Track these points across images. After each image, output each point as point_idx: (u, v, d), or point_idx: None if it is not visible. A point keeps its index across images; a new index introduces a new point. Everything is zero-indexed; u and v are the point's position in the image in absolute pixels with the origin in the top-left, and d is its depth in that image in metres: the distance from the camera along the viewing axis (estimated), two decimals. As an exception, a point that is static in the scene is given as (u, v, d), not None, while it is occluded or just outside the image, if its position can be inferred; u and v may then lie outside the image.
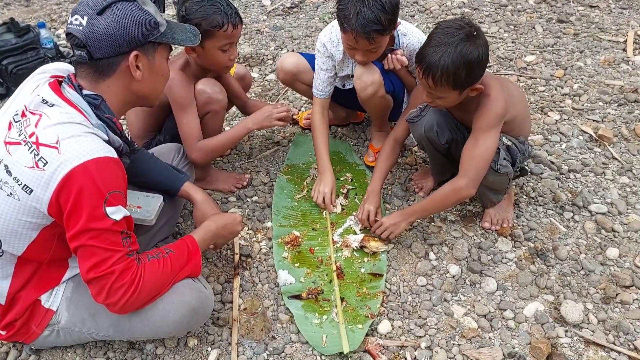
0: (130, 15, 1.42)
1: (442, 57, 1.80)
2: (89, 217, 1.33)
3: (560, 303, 1.92)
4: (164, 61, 1.59)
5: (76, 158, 1.32)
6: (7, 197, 1.38)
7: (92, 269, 1.37)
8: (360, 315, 1.90)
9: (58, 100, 1.41)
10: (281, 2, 4.59)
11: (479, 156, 1.93)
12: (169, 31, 1.54)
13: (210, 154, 2.25)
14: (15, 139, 1.38)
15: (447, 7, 4.30)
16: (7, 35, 3.32)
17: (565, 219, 2.30)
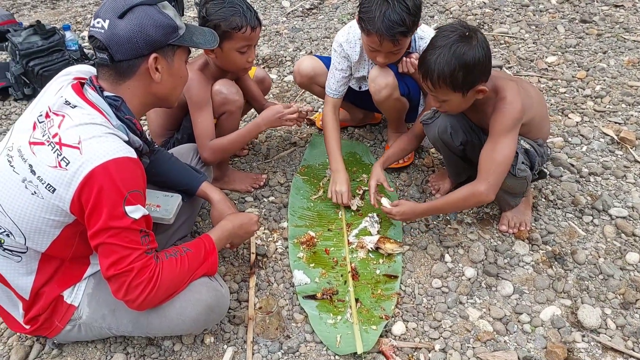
0: (150, 19, 1.46)
1: (437, 60, 1.82)
2: (109, 216, 1.36)
3: (578, 307, 1.90)
4: (183, 64, 1.62)
5: (97, 158, 1.35)
6: (31, 196, 1.42)
7: (112, 266, 1.40)
8: (375, 317, 1.90)
9: (80, 102, 1.45)
10: (300, 4, 4.61)
11: (498, 161, 1.91)
12: (187, 34, 1.57)
13: (221, 152, 2.26)
14: (39, 139, 1.42)
15: (467, 7, 4.28)
16: (34, 37, 3.39)
17: (584, 223, 2.27)
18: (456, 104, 1.95)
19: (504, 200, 2.20)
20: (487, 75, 1.90)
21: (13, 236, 1.48)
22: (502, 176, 1.93)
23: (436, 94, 1.93)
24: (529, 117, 1.97)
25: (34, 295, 1.58)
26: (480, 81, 1.88)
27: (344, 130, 2.93)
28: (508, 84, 1.95)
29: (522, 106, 1.91)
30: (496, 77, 1.97)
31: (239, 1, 2.12)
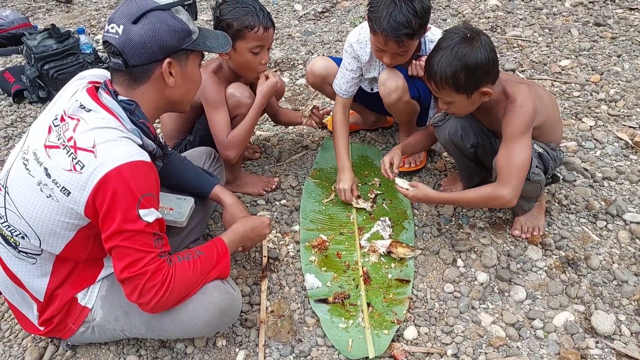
0: (164, 24, 1.47)
1: (440, 61, 1.85)
2: (123, 219, 1.37)
3: (591, 313, 1.89)
4: (196, 68, 1.64)
5: (111, 162, 1.37)
6: (46, 199, 1.43)
7: (126, 269, 1.41)
8: (387, 321, 1.90)
9: (95, 106, 1.47)
10: (313, 7, 4.62)
11: (517, 165, 1.90)
12: (201, 38, 1.58)
13: (239, 142, 2.25)
14: (55, 143, 1.44)
15: (480, 10, 4.27)
16: (49, 40, 3.43)
17: (598, 228, 2.25)
18: (462, 106, 1.96)
19: (518, 204, 2.18)
20: (492, 78, 1.90)
21: (28, 238, 1.50)
22: (523, 180, 1.93)
23: (441, 95, 1.95)
24: (541, 120, 1.97)
25: (48, 297, 1.60)
26: (484, 83, 1.88)
27: (356, 134, 2.94)
28: (519, 86, 1.95)
29: (533, 108, 1.91)
30: (506, 81, 1.97)
31: (253, 2, 2.13)
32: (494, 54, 1.87)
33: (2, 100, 3.49)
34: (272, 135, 2.94)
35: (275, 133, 2.96)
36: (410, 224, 2.31)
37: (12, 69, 3.67)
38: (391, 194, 2.48)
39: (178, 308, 1.56)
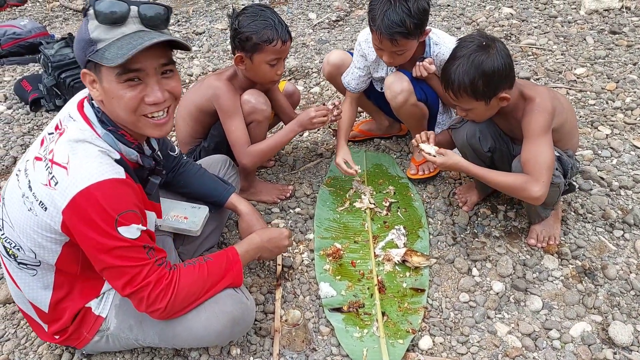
0: (78, 33, 1.39)
1: (457, 70, 1.87)
2: (104, 239, 1.35)
3: (609, 324, 1.87)
4: (113, 83, 1.37)
5: (81, 181, 1.33)
6: (28, 212, 1.42)
7: (127, 285, 1.40)
8: (402, 330, 1.89)
9: (77, 116, 1.46)
10: (327, 16, 4.64)
11: (545, 162, 1.88)
12: (105, 48, 1.34)
13: (260, 157, 2.32)
14: (41, 155, 1.43)
15: (494, 18, 4.26)
16: (66, 49, 3.48)
17: (615, 237, 2.23)
18: (481, 112, 1.98)
19: (534, 211, 2.17)
20: (509, 83, 1.91)
21: (23, 250, 1.50)
22: (550, 177, 1.91)
23: (459, 103, 1.96)
24: (559, 121, 1.96)
25: (52, 309, 1.60)
26: (502, 89, 1.89)
27: (371, 142, 2.94)
28: (536, 88, 1.96)
29: (552, 107, 1.91)
30: (523, 85, 1.98)
31: (271, 14, 2.15)
32: (509, 60, 1.89)
33: (19, 108, 3.54)
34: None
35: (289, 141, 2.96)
36: (425, 232, 2.30)
37: (30, 77, 3.72)
38: (406, 203, 2.47)
39: (191, 317, 1.55)
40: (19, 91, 3.62)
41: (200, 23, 4.78)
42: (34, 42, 4.21)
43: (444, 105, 2.53)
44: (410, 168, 2.63)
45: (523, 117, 1.95)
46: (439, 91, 2.44)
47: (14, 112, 3.50)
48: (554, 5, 4.44)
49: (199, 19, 4.87)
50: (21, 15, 5.33)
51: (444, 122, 2.55)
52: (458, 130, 2.20)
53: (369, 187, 2.58)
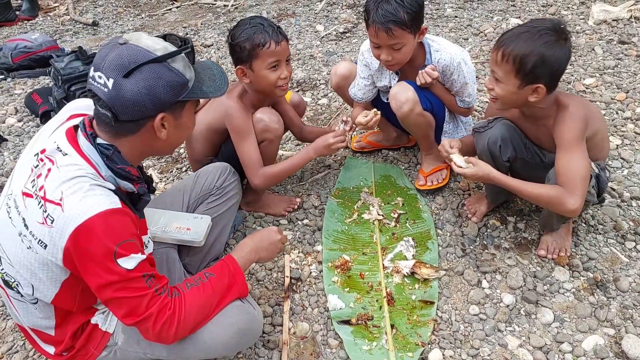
0: (159, 79, 1.36)
1: (521, 36, 1.80)
2: (104, 272, 1.34)
3: (622, 337, 1.84)
4: (191, 115, 1.54)
5: (78, 216, 1.31)
6: (27, 250, 1.41)
7: (127, 316, 1.39)
8: (411, 343, 1.87)
9: (70, 150, 1.41)
10: (334, 28, 4.66)
11: (580, 173, 1.84)
12: (197, 84, 1.47)
13: (273, 180, 2.34)
14: (30, 191, 1.40)
15: (501, 29, 4.26)
16: (76, 62, 3.51)
17: (627, 249, 2.20)
18: (509, 92, 1.89)
19: (550, 221, 2.14)
20: (552, 82, 1.85)
21: (22, 287, 1.49)
22: (586, 188, 1.87)
23: (498, 68, 1.88)
24: (592, 130, 1.92)
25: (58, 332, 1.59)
26: (543, 81, 1.82)
27: (379, 153, 2.93)
28: (571, 96, 1.92)
29: (585, 115, 1.87)
30: (558, 92, 1.93)
31: (261, 20, 2.16)
32: (568, 61, 1.83)
33: (30, 121, 3.57)
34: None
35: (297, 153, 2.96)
36: (434, 244, 2.28)
37: (40, 90, 3.76)
38: (414, 214, 2.46)
39: (198, 330, 1.55)
40: (29, 104, 3.66)
41: (209, 36, 4.81)
42: (44, 56, 4.26)
43: (450, 114, 2.53)
44: (418, 179, 2.62)
45: (555, 126, 1.90)
46: (444, 99, 2.44)
47: (24, 124, 3.53)
48: (562, 15, 4.43)
49: (207, 32, 4.91)
50: (32, 29, 5.40)
51: (451, 131, 2.54)
52: (481, 135, 2.16)
53: (377, 198, 2.57)
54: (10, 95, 3.95)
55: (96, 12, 5.78)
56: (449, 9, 4.81)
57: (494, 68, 1.90)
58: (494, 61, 1.89)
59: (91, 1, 6.09)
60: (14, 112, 3.66)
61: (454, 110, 2.50)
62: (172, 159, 3.05)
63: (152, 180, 1.70)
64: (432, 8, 4.85)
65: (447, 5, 4.90)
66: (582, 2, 4.63)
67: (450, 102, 2.45)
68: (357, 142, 2.96)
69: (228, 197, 2.13)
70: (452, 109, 2.48)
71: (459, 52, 2.33)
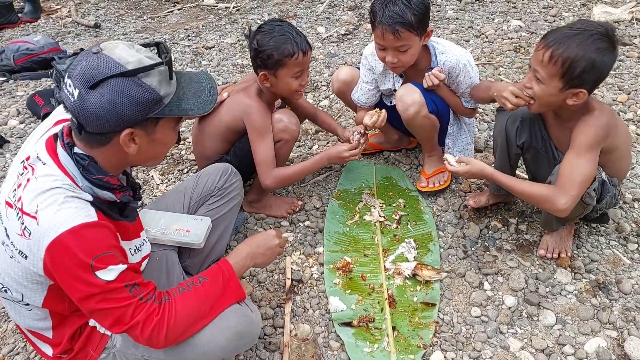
0: (124, 95, 1.30)
1: (573, 38, 1.74)
2: (83, 286, 1.32)
3: (624, 339, 1.84)
4: (169, 130, 1.46)
5: (52, 230, 1.30)
6: (10, 259, 1.41)
7: (114, 326, 1.38)
8: (412, 345, 1.87)
9: (48, 160, 1.40)
10: (335, 30, 4.66)
11: (581, 177, 1.83)
12: (175, 100, 1.40)
13: (284, 181, 2.34)
14: (10, 200, 1.40)
15: (502, 31, 4.26)
16: (77, 64, 3.50)
17: (629, 251, 2.20)
18: (548, 93, 1.85)
19: (549, 220, 2.13)
20: (594, 87, 1.82)
21: (11, 292, 1.49)
22: (582, 194, 1.85)
23: (542, 69, 1.82)
24: (612, 144, 1.89)
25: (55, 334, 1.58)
26: (586, 86, 1.79)
27: (380, 154, 2.93)
28: (601, 104, 1.89)
29: (607, 125, 1.83)
30: (590, 97, 1.88)
31: (288, 28, 2.16)
32: (611, 68, 1.80)
33: (31, 122, 3.57)
34: (296, 157, 2.95)
35: (299, 154, 2.96)
36: (435, 246, 2.28)
37: (42, 92, 3.76)
38: (416, 216, 2.46)
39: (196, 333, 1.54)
40: (31, 106, 3.66)
41: (210, 37, 4.81)
42: (46, 58, 4.26)
43: (455, 116, 2.52)
44: (420, 180, 2.62)
45: (575, 127, 1.87)
46: (449, 101, 2.44)
47: (26, 126, 3.54)
48: (563, 17, 4.43)
49: (208, 34, 4.91)
50: (34, 31, 5.40)
51: (454, 133, 2.54)
52: (502, 113, 2.15)
53: (378, 200, 2.57)
54: (12, 97, 3.95)
55: (98, 14, 5.78)
56: (450, 11, 4.81)
57: (538, 68, 1.84)
58: (539, 61, 1.82)
59: (93, 3, 6.10)
60: (16, 114, 3.66)
61: (459, 112, 2.49)
62: (173, 160, 3.05)
63: (139, 187, 1.66)
64: (433, 10, 4.85)
65: (448, 7, 4.90)
66: (584, 4, 4.63)
67: (456, 104, 2.45)
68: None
69: (229, 198, 2.12)
70: (457, 110, 2.48)
71: (463, 53, 2.33)
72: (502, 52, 3.94)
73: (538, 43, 1.85)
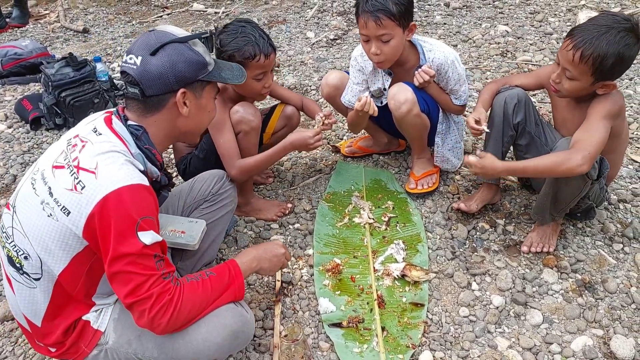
0: (181, 55, 1.53)
1: (602, 37, 1.78)
2: (121, 242, 1.38)
3: (610, 338, 1.86)
4: (211, 99, 1.68)
5: (111, 184, 1.39)
6: (47, 218, 1.45)
7: (130, 294, 1.41)
8: (401, 345, 1.88)
9: (105, 130, 1.53)
10: (325, 35, 4.69)
11: (597, 138, 1.84)
12: (216, 70, 1.63)
13: (249, 171, 2.32)
14: (61, 163, 1.48)
15: (490, 36, 4.31)
16: (66, 69, 3.50)
17: (614, 251, 2.23)
18: (579, 87, 1.91)
19: (543, 206, 2.15)
20: (621, 73, 1.89)
21: (31, 258, 1.50)
22: (598, 153, 1.86)
23: (573, 68, 1.86)
24: (617, 129, 1.95)
25: (45, 324, 1.58)
26: (615, 77, 1.86)
27: (369, 157, 2.95)
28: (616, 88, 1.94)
29: (621, 105, 1.91)
30: None
31: (251, 29, 2.17)
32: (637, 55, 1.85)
33: (20, 127, 3.56)
34: (285, 160, 2.96)
35: (288, 157, 2.98)
36: (424, 247, 2.30)
37: (30, 96, 3.75)
38: (405, 217, 2.48)
39: (191, 330, 1.55)
40: (19, 110, 3.64)
41: (200, 42, 4.82)
42: (35, 62, 4.25)
43: (444, 114, 2.55)
44: (409, 182, 2.64)
45: (593, 102, 1.91)
46: (439, 99, 2.46)
47: (14, 130, 3.52)
48: (549, 22, 4.49)
49: (198, 39, 4.92)
50: (23, 36, 5.39)
51: (444, 131, 2.56)
52: (502, 92, 2.21)
53: (368, 202, 2.59)
54: (0, 101, 3.93)
55: (87, 19, 5.78)
56: (438, 16, 4.86)
57: (568, 67, 1.87)
58: (569, 61, 1.86)
59: (82, 9, 6.09)
60: (3, 119, 3.65)
61: (449, 109, 2.51)
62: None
63: (172, 177, 1.79)
64: (421, 15, 4.90)
65: (436, 13, 4.94)
66: (569, 9, 4.70)
67: (446, 101, 2.47)
68: (348, 147, 2.97)
69: (223, 204, 2.13)
70: (447, 107, 2.50)
71: (450, 49, 2.38)
72: (490, 56, 3.98)
73: (565, 41, 1.88)
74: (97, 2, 6.24)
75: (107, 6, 6.11)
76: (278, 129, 2.58)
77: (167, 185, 1.71)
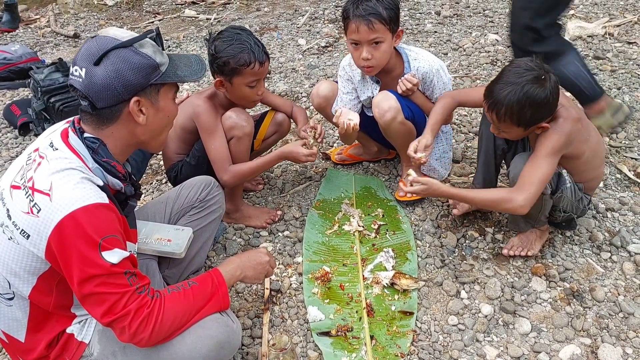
0: (126, 62, 1.42)
1: (508, 96, 1.86)
2: (87, 264, 1.34)
3: (598, 346, 1.87)
4: (170, 100, 1.58)
5: (66, 206, 1.34)
6: (8, 241, 1.41)
7: (106, 314, 1.38)
8: (390, 354, 1.88)
9: (61, 145, 1.46)
10: (316, 42, 4.70)
11: (539, 176, 1.92)
12: (171, 69, 1.53)
13: (240, 177, 2.33)
14: (18, 183, 1.42)
15: (480, 44, 4.33)
16: (55, 74, 3.48)
17: (602, 259, 2.24)
18: (516, 134, 2.01)
19: (516, 219, 2.22)
20: (551, 113, 1.93)
21: None
22: (539, 192, 1.94)
23: (499, 125, 1.97)
24: (576, 151, 1.99)
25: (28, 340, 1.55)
26: (545, 120, 1.92)
27: (359, 165, 2.95)
28: (569, 111, 1.96)
29: (569, 133, 1.93)
30: (561, 103, 1.96)
31: (247, 37, 2.19)
32: (558, 92, 1.90)
33: (8, 132, 3.53)
34: (275, 167, 2.95)
35: (278, 165, 2.97)
36: (413, 255, 2.30)
37: (19, 102, 3.72)
38: (394, 225, 2.48)
39: (176, 342, 1.52)
40: (7, 115, 3.62)
41: (191, 48, 4.82)
42: (24, 67, 4.22)
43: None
44: (399, 190, 2.64)
45: (539, 136, 1.97)
46: (425, 108, 2.47)
47: (2, 136, 3.50)
48: (539, 31, 4.52)
49: (189, 45, 4.91)
50: (12, 40, 5.35)
51: None
52: None
53: (357, 210, 2.58)
54: (-12, 107, 3.90)
55: (78, 24, 5.75)
56: (428, 25, 4.88)
57: (495, 125, 1.99)
58: (492, 120, 1.97)
59: (73, 14, 6.06)
60: (-9, 124, 3.62)
61: None
62: (152, 170, 3.03)
63: (140, 186, 1.72)
64: (412, 23, 4.92)
65: (427, 21, 4.97)
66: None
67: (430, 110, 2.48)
68: (338, 154, 2.97)
69: (211, 211, 2.12)
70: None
71: (435, 59, 2.41)
72: (480, 64, 4.00)
73: (483, 102, 1.97)
74: (88, 7, 6.21)
75: (98, 12, 6.09)
76: (269, 135, 2.58)
77: (134, 195, 1.62)
